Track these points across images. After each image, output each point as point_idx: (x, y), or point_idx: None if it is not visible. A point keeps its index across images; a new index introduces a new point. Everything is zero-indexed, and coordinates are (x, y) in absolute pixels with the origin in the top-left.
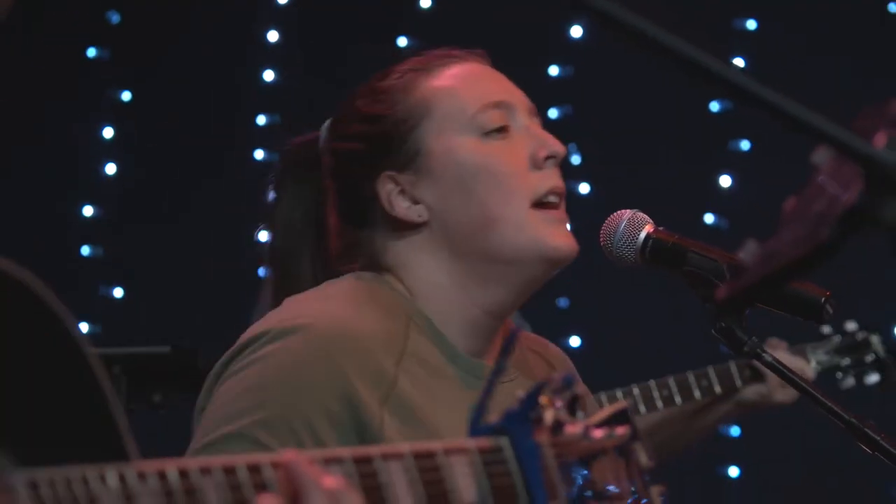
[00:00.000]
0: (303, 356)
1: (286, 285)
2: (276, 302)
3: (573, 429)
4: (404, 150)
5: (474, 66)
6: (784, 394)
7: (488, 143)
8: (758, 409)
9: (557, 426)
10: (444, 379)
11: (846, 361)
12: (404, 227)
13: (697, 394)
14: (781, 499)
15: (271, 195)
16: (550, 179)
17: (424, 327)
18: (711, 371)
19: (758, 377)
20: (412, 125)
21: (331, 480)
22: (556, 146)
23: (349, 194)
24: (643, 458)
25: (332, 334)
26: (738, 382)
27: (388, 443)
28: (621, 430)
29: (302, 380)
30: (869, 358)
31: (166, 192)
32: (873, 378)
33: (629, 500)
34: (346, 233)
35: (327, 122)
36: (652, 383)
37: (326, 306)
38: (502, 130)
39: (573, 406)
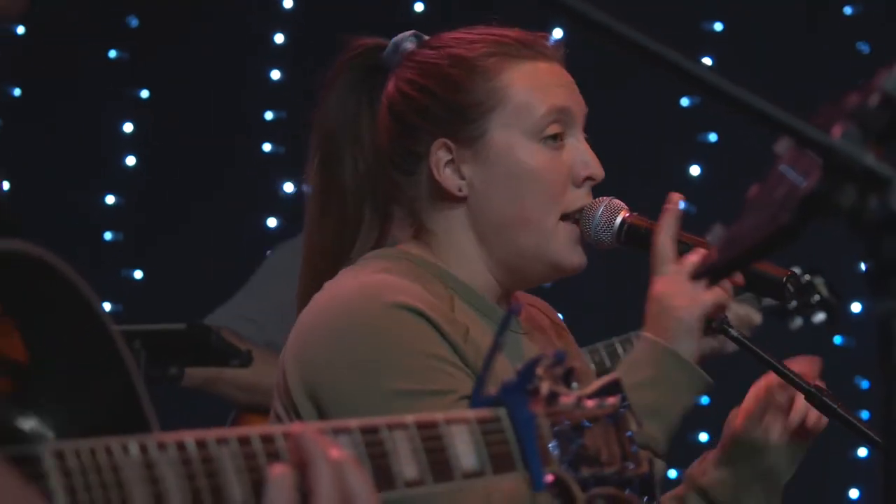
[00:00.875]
0: (391, 315)
1: (328, 194)
2: (321, 212)
3: (567, 399)
4: (471, 128)
5: (552, 66)
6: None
7: (543, 150)
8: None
9: (552, 397)
10: (485, 335)
11: (793, 304)
12: (443, 195)
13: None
14: None
15: (322, 94)
16: (582, 199)
17: (463, 293)
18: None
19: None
20: (485, 110)
21: (337, 452)
22: (597, 170)
23: (404, 139)
24: (633, 425)
25: (404, 292)
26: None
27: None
28: (612, 400)
29: (403, 335)
30: (815, 299)
31: (181, 182)
32: (820, 317)
33: (618, 465)
34: (389, 169)
35: (406, 42)
36: (615, 340)
37: (381, 276)
38: (557, 138)
39: (568, 377)
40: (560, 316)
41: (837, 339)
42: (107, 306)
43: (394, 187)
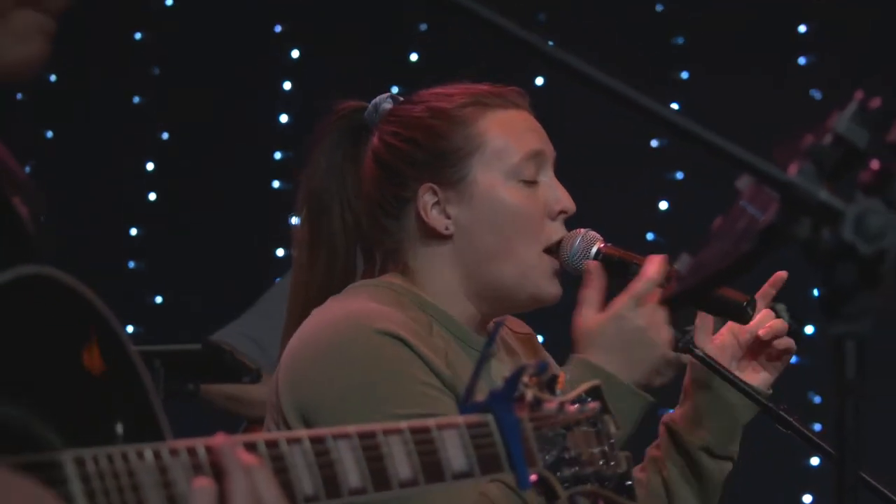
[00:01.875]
0: (374, 341)
1: (317, 245)
2: (311, 257)
3: (550, 405)
4: (453, 172)
5: (521, 114)
6: (661, 380)
7: (521, 188)
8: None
9: (536, 403)
10: (462, 357)
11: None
12: (430, 234)
13: None
14: None
15: (310, 150)
16: (558, 231)
17: (440, 318)
18: None
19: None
20: (465, 154)
21: (248, 458)
22: (570, 204)
23: (391, 186)
24: (612, 427)
25: (387, 320)
26: None
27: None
28: (592, 405)
29: (403, 363)
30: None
31: (197, 216)
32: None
33: (598, 464)
34: (376, 215)
35: (384, 102)
36: None
37: (371, 305)
38: (533, 182)
39: (552, 385)
40: (540, 338)
41: (792, 359)
42: (129, 328)
43: (381, 231)
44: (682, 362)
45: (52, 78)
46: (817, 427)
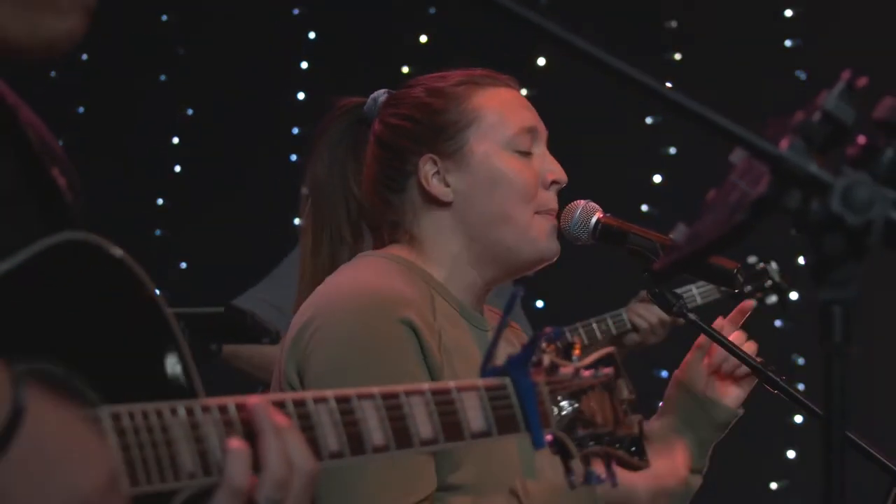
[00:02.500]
0: (382, 317)
1: (321, 230)
2: (316, 244)
3: (566, 370)
4: (452, 143)
5: (513, 93)
6: (655, 338)
7: (516, 158)
8: (637, 348)
9: (553, 368)
10: (457, 324)
11: (748, 288)
12: (432, 203)
13: (597, 335)
14: None
15: (313, 143)
16: (551, 200)
17: (441, 291)
18: (601, 320)
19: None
20: (463, 126)
21: (281, 419)
22: (562, 175)
23: (394, 161)
24: (625, 392)
25: (399, 299)
26: (614, 330)
27: (443, 378)
28: (606, 371)
29: (390, 336)
30: (768, 283)
31: (220, 187)
32: (772, 299)
33: (611, 426)
34: (381, 192)
35: (381, 96)
36: (578, 325)
37: (379, 280)
38: (527, 153)
39: (568, 351)
40: (541, 303)
41: (778, 323)
42: (156, 292)
43: (386, 206)
44: None
45: (84, 57)
46: (801, 386)
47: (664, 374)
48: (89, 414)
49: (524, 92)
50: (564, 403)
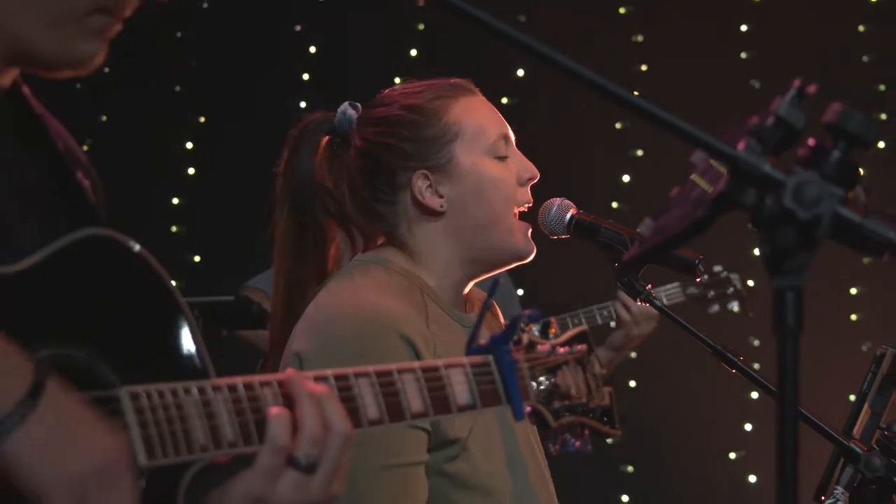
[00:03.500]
0: (383, 335)
1: (299, 233)
2: (299, 247)
3: (543, 348)
4: (440, 156)
5: (480, 99)
6: (639, 330)
7: (497, 163)
8: (627, 347)
9: (531, 346)
10: (448, 328)
11: (712, 293)
12: (425, 213)
13: (599, 320)
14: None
15: (286, 156)
16: (527, 195)
17: (431, 296)
18: (608, 308)
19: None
20: (448, 140)
21: (318, 387)
22: (535, 171)
23: (383, 177)
24: (597, 367)
25: (399, 318)
26: (598, 320)
27: None
28: (580, 347)
29: (390, 353)
30: (730, 290)
31: (229, 186)
32: (733, 305)
33: (584, 398)
34: (370, 205)
35: (348, 109)
36: (580, 311)
37: (379, 298)
38: (504, 157)
39: (545, 330)
40: (521, 291)
41: (734, 308)
42: (172, 283)
43: (376, 217)
44: None
45: (106, 70)
46: (757, 366)
47: (633, 355)
48: (109, 394)
49: (505, 101)
50: (542, 378)
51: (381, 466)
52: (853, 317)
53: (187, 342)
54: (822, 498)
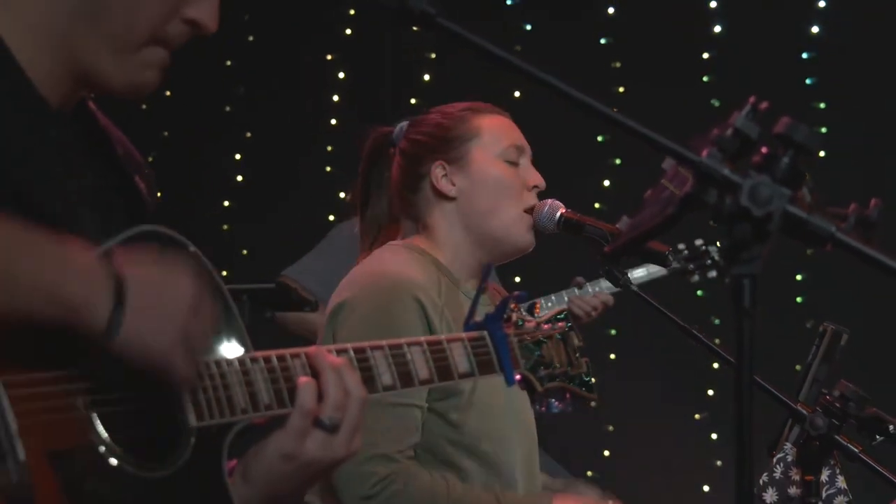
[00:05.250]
0: (398, 297)
1: (368, 216)
2: (364, 227)
3: (530, 324)
4: (457, 152)
5: (506, 119)
6: (589, 319)
7: (507, 166)
8: (583, 320)
9: (520, 322)
10: (456, 299)
11: (692, 266)
12: (440, 198)
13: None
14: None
15: (361, 158)
16: (532, 199)
17: (446, 273)
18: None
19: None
20: (467, 139)
21: (337, 360)
22: (541, 181)
23: (412, 167)
24: (576, 340)
25: (413, 284)
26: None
27: None
28: (561, 324)
29: (402, 312)
30: (708, 262)
31: (272, 191)
32: (712, 273)
33: (565, 367)
34: (402, 193)
35: (405, 125)
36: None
37: (400, 268)
38: (515, 163)
39: (531, 309)
40: (517, 281)
41: (700, 293)
42: (224, 273)
43: (406, 203)
44: None
45: (167, 93)
46: (717, 341)
47: (613, 332)
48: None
49: None
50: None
51: (386, 403)
52: (798, 299)
53: (229, 321)
54: (774, 452)
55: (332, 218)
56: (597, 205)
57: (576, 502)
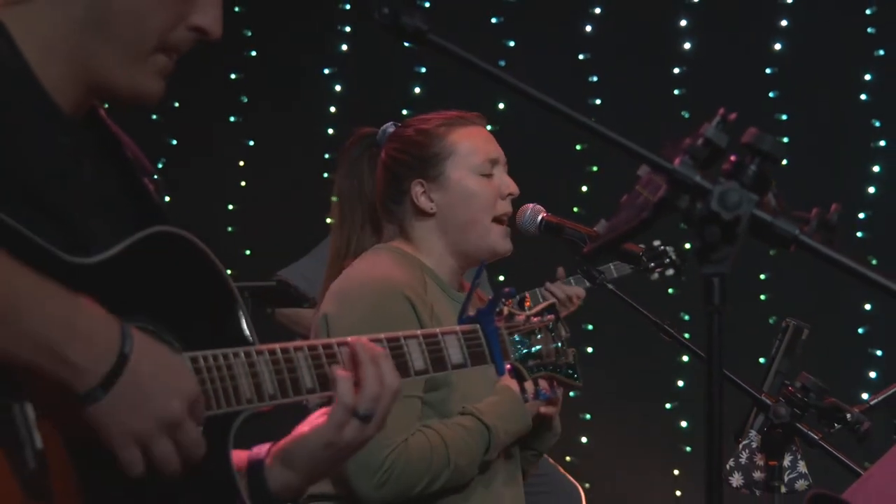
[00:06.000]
0: (390, 296)
1: (345, 224)
2: (341, 232)
3: (520, 318)
4: (435, 170)
5: (480, 129)
6: (566, 310)
7: (482, 179)
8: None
9: (510, 316)
10: (442, 300)
11: (652, 264)
12: (421, 213)
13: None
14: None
15: (340, 158)
16: (506, 207)
17: (430, 275)
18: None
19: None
20: (443, 158)
21: (376, 349)
22: (515, 189)
23: (394, 183)
24: (563, 332)
25: (402, 284)
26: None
27: None
28: (549, 317)
29: (394, 309)
30: (667, 261)
31: (274, 196)
32: (670, 271)
33: (553, 357)
34: (386, 203)
35: (389, 127)
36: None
37: (388, 270)
38: (489, 175)
39: (521, 304)
40: (502, 279)
41: (671, 291)
42: (228, 271)
43: (389, 214)
44: None
45: (176, 104)
46: (687, 336)
47: (590, 327)
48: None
49: (489, 128)
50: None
51: (402, 395)
52: (762, 297)
53: (236, 316)
54: (740, 439)
55: (329, 220)
56: (575, 209)
57: (514, 386)
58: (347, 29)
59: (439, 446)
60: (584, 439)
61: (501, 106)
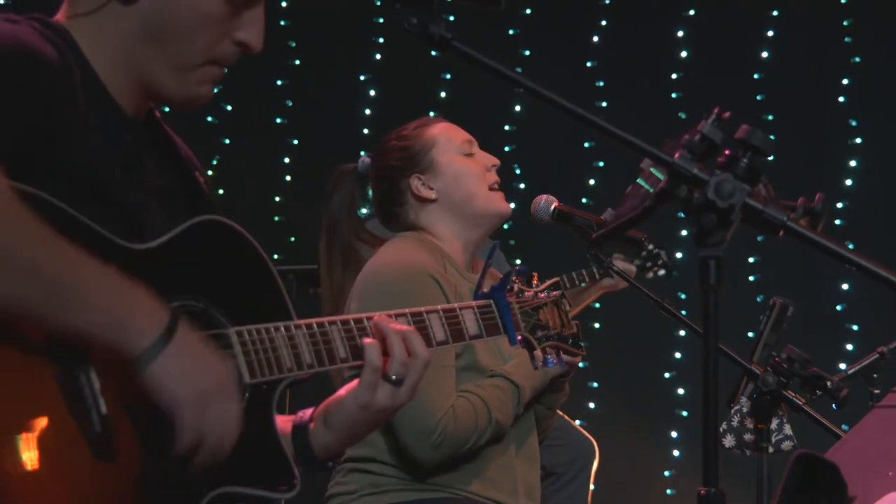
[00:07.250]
0: (419, 278)
1: (332, 238)
2: (328, 245)
3: (529, 293)
4: (426, 161)
5: (449, 124)
6: (618, 284)
7: (466, 159)
8: (610, 291)
9: (520, 292)
10: (458, 280)
11: (648, 265)
12: (425, 203)
13: (577, 281)
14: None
15: (327, 193)
16: (495, 176)
17: (447, 259)
18: (581, 272)
19: (607, 275)
20: (429, 149)
21: (402, 326)
22: (496, 160)
23: (392, 187)
24: (567, 306)
25: (428, 265)
26: (587, 281)
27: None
28: (555, 293)
29: (424, 291)
30: (659, 262)
31: (315, 190)
32: (662, 272)
33: (559, 329)
34: (389, 209)
35: (367, 158)
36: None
37: (413, 254)
38: (470, 154)
39: (529, 280)
40: (518, 262)
41: (675, 274)
42: (275, 256)
43: (395, 217)
44: None
45: (229, 107)
46: (684, 312)
47: (598, 305)
48: (221, 332)
49: (507, 128)
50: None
51: (440, 366)
52: (751, 278)
53: (276, 295)
54: (731, 405)
55: (364, 211)
56: (584, 200)
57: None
58: (381, 40)
59: (481, 406)
60: (591, 405)
61: (518, 108)
